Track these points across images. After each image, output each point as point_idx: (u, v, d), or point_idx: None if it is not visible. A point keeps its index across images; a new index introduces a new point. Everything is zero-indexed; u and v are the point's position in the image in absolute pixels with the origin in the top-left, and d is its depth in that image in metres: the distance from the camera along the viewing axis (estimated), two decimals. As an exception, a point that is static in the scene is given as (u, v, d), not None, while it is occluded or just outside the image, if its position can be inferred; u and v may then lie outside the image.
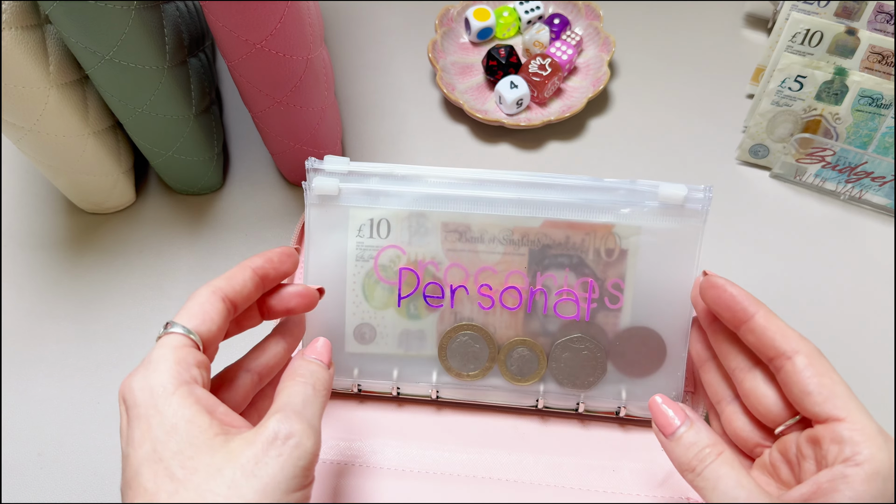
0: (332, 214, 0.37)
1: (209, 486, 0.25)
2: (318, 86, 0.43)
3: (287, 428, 0.27)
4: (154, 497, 0.25)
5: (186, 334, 0.29)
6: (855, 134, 0.48)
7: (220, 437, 0.26)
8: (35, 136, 0.41)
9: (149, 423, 0.26)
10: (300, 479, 0.27)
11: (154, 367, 0.28)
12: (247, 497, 0.25)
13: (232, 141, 0.53)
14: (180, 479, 0.25)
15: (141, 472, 0.26)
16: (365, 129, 0.54)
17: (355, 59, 0.57)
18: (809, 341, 0.30)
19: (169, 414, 0.26)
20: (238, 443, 0.26)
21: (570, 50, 0.54)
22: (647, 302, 0.37)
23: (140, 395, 0.27)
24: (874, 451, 0.26)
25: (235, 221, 0.49)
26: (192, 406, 0.27)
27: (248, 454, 0.26)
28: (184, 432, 0.26)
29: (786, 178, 0.51)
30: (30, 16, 0.37)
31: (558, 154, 0.52)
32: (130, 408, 0.27)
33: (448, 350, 0.37)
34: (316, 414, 0.29)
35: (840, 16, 0.49)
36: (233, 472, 0.25)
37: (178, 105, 0.43)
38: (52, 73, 0.39)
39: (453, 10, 0.57)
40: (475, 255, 0.37)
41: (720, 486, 0.28)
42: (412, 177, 0.37)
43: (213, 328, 0.30)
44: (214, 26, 0.37)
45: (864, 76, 0.47)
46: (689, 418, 0.30)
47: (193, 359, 0.29)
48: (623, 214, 0.36)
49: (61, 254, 0.48)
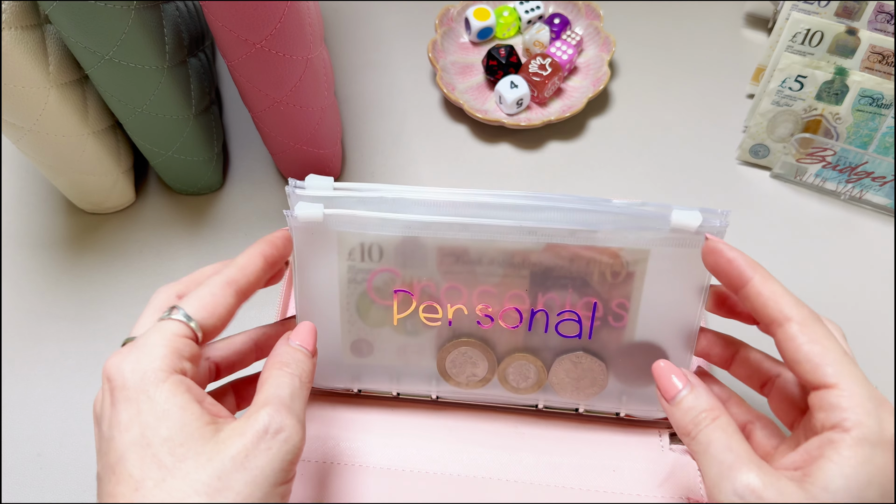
0: (319, 239, 0.34)
1: (198, 475, 0.25)
2: (318, 86, 0.43)
3: (278, 422, 0.27)
4: (140, 484, 0.25)
5: (187, 323, 0.28)
6: (855, 134, 0.48)
7: (210, 427, 0.26)
8: (35, 135, 0.41)
9: (139, 407, 0.26)
10: (286, 472, 0.27)
11: (148, 351, 0.27)
12: (235, 488, 0.25)
13: (232, 141, 0.53)
14: (168, 466, 0.25)
15: (127, 457, 0.25)
16: (365, 129, 0.54)
17: (355, 58, 0.57)
18: (805, 306, 0.29)
19: (161, 400, 0.26)
20: (228, 433, 0.26)
21: (570, 50, 0.54)
22: (653, 320, 0.35)
23: (131, 378, 0.26)
24: (862, 417, 0.26)
25: (235, 221, 0.49)
26: (185, 394, 0.26)
27: (239, 445, 0.26)
28: (176, 418, 0.26)
29: (786, 178, 0.51)
30: (29, 16, 0.37)
31: (558, 154, 0.52)
32: (118, 389, 0.26)
33: (447, 363, 0.37)
34: (302, 407, 0.29)
35: (840, 16, 0.49)
36: (222, 462, 0.25)
37: (177, 105, 0.43)
38: (51, 72, 0.39)
39: (453, 10, 0.57)
40: (473, 277, 0.35)
41: (710, 450, 0.27)
42: (403, 200, 0.34)
43: (218, 324, 0.29)
44: (214, 26, 0.37)
45: (864, 76, 0.47)
46: (691, 383, 0.30)
47: (189, 351, 0.28)
48: (631, 240, 0.33)
49: (61, 254, 0.48)
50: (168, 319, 0.28)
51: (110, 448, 0.26)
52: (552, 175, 0.51)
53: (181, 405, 0.26)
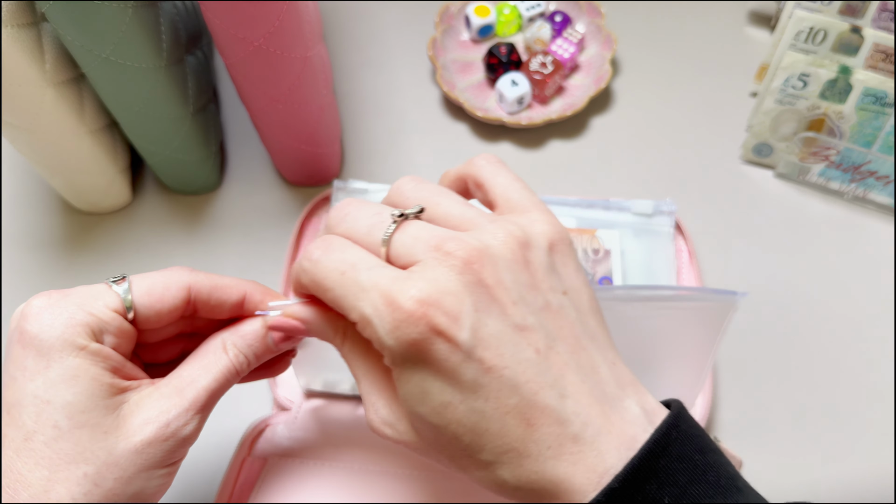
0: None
1: (91, 444, 0.25)
2: (317, 84, 0.42)
3: (183, 420, 0.27)
4: (31, 436, 0.25)
5: (124, 302, 0.27)
6: (859, 133, 0.48)
7: (115, 398, 0.26)
8: (31, 134, 0.41)
9: (48, 363, 0.25)
10: (178, 458, 0.27)
11: (74, 314, 0.26)
12: (123, 465, 0.26)
13: (229, 140, 0.53)
14: (63, 428, 0.25)
15: (24, 404, 0.25)
16: (364, 128, 0.53)
17: (354, 56, 0.57)
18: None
19: (71, 366, 0.26)
20: (132, 408, 0.26)
21: (571, 47, 0.54)
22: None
23: (48, 333, 0.26)
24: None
25: (233, 221, 0.49)
26: (96, 366, 0.26)
27: (139, 432, 0.26)
28: (83, 386, 0.26)
29: (790, 178, 0.50)
30: (26, 14, 0.36)
31: (560, 153, 0.52)
32: (31, 336, 0.26)
33: None
34: (216, 399, 0.29)
35: (844, 14, 0.49)
36: (117, 440, 0.26)
37: (174, 104, 0.43)
38: (48, 71, 0.38)
39: (453, 7, 0.56)
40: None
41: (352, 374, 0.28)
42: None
43: (154, 319, 0.28)
44: (212, 24, 0.36)
45: (868, 74, 0.47)
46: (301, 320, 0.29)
47: (115, 326, 0.27)
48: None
49: (57, 253, 0.48)
50: (109, 288, 0.28)
51: (11, 386, 0.26)
52: (553, 174, 0.51)
53: (92, 376, 0.26)
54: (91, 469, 0.25)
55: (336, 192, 0.46)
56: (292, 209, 0.49)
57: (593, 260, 0.43)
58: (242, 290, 0.30)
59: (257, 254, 0.47)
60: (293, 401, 0.40)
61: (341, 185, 0.46)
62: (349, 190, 0.46)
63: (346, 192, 0.46)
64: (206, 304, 0.29)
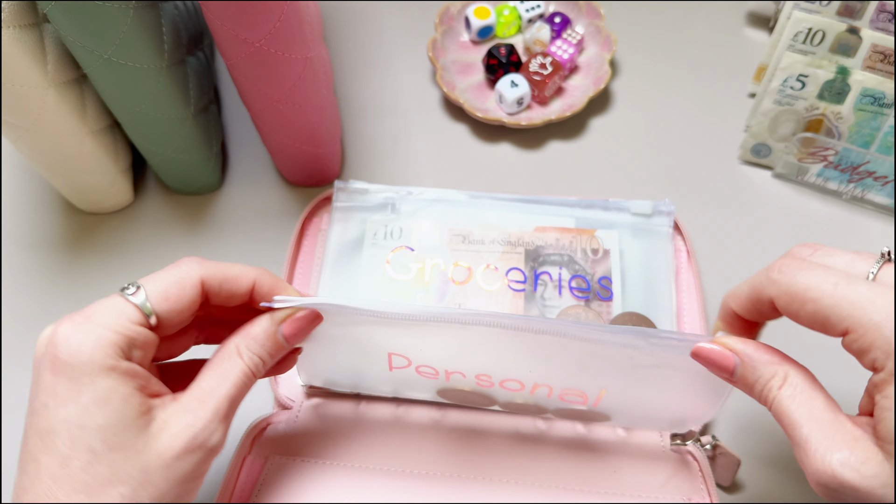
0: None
1: (125, 465, 0.26)
2: (318, 85, 0.42)
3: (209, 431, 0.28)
4: (66, 463, 0.25)
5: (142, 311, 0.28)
6: (857, 133, 0.48)
7: (144, 418, 0.27)
8: (33, 135, 0.41)
9: (80, 388, 0.26)
10: (205, 469, 0.28)
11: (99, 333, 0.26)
12: (156, 483, 0.26)
13: (230, 140, 0.53)
14: (98, 452, 0.26)
15: (58, 431, 0.26)
16: (364, 128, 0.53)
17: (355, 57, 0.57)
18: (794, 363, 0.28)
19: (103, 388, 0.26)
20: (161, 425, 0.27)
21: (571, 48, 0.54)
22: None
23: (77, 357, 0.26)
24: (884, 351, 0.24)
25: (234, 221, 0.49)
26: (127, 385, 0.26)
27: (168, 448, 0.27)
28: (115, 409, 0.26)
29: (788, 178, 0.51)
30: (28, 14, 0.36)
31: (559, 153, 0.52)
32: (61, 362, 0.26)
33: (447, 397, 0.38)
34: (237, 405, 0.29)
35: (842, 14, 0.49)
36: (149, 458, 0.26)
37: (176, 104, 0.43)
38: (49, 72, 0.38)
39: (453, 9, 0.57)
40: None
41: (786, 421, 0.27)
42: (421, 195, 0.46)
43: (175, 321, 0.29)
44: (213, 25, 0.37)
45: (866, 75, 0.47)
46: (736, 352, 0.29)
47: (141, 339, 0.27)
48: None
49: (59, 253, 0.48)
50: (127, 302, 0.28)
51: (43, 414, 0.26)
52: (553, 174, 0.51)
53: (123, 396, 0.26)
54: (126, 489, 0.26)
55: (337, 192, 0.46)
56: (293, 209, 0.49)
57: (593, 260, 0.43)
58: (251, 279, 0.30)
59: (258, 254, 0.48)
60: (294, 399, 0.40)
61: (342, 185, 0.46)
62: (350, 190, 0.46)
63: (346, 193, 0.46)
64: (218, 295, 0.30)
